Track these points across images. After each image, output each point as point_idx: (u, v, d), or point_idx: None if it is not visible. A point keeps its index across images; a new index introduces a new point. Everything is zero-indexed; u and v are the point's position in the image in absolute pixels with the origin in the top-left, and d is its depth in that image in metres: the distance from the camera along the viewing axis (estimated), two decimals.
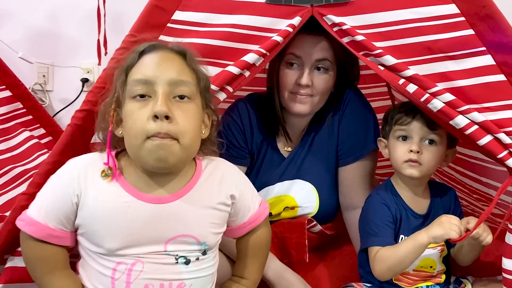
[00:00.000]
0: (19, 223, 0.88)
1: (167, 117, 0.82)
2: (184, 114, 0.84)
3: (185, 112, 0.85)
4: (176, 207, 0.88)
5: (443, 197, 1.17)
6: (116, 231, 0.85)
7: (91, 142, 1.04)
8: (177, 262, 0.87)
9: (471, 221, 1.04)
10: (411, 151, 1.08)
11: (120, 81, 0.88)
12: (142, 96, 0.84)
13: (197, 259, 0.89)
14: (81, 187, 0.86)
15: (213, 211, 0.92)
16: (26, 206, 0.99)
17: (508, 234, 0.99)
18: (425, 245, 1.03)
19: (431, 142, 1.09)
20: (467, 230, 1.03)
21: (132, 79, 0.86)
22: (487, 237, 1.03)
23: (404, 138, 1.10)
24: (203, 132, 0.92)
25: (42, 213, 0.86)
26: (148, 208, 0.86)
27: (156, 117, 0.82)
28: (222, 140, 0.99)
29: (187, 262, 0.88)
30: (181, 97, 0.86)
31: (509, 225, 0.98)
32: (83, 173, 0.87)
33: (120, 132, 0.89)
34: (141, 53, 0.89)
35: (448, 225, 1.01)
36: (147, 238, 0.86)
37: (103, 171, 0.86)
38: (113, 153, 0.90)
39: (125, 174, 0.88)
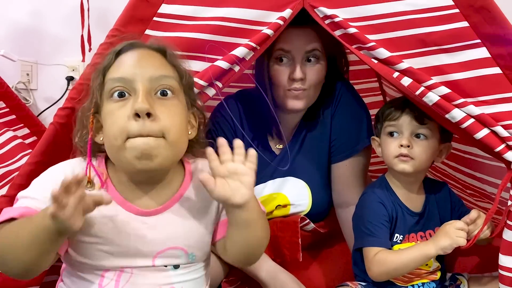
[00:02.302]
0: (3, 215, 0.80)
1: (148, 115, 0.77)
2: (167, 110, 0.80)
3: (168, 108, 0.80)
4: (165, 220, 0.85)
5: (437, 193, 1.16)
6: (104, 242, 0.81)
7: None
8: (165, 266, 0.85)
9: (478, 221, 1.03)
10: (402, 145, 1.07)
11: (97, 83, 0.84)
12: (120, 95, 0.80)
13: (187, 263, 0.87)
14: None
15: (204, 216, 0.88)
16: None
17: (506, 230, 0.98)
18: (431, 256, 1.03)
19: (422, 136, 1.08)
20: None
21: (109, 78, 0.82)
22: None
23: (394, 133, 1.10)
24: (190, 132, 0.88)
25: (25, 201, 0.80)
26: (136, 220, 0.83)
27: (137, 115, 0.77)
28: (211, 141, 0.91)
29: (176, 266, 0.86)
30: (163, 93, 0.81)
31: (508, 222, 0.98)
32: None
33: (101, 139, 0.85)
34: (118, 53, 0.85)
35: (454, 234, 1.00)
36: (135, 251, 0.83)
37: (88, 182, 0.82)
38: (102, 159, 0.87)
39: (114, 182, 0.84)
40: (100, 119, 0.84)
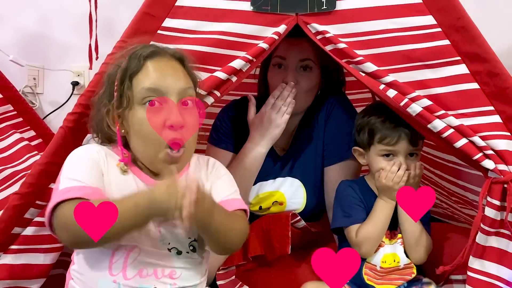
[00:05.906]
0: (61, 196, 0.84)
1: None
2: (191, 120, 0.92)
3: (191, 117, 0.93)
4: None
5: None
6: None
7: (83, 144, 1.07)
8: (169, 251, 0.94)
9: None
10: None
11: (124, 86, 0.93)
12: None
13: (188, 252, 0.95)
14: (103, 167, 0.92)
15: None
16: (18, 206, 1.02)
17: (479, 234, 1.03)
18: (390, 206, 1.13)
19: (415, 154, 1.16)
20: None
21: (142, 87, 0.91)
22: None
23: (388, 155, 1.15)
24: None
25: (80, 179, 0.88)
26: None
27: (172, 126, 0.89)
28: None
29: (179, 252, 0.94)
30: (186, 102, 0.93)
31: (482, 226, 1.03)
32: (103, 158, 0.93)
33: (122, 131, 0.95)
34: (144, 59, 0.94)
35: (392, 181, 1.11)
36: None
37: (119, 164, 0.93)
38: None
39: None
40: (122, 115, 0.94)
